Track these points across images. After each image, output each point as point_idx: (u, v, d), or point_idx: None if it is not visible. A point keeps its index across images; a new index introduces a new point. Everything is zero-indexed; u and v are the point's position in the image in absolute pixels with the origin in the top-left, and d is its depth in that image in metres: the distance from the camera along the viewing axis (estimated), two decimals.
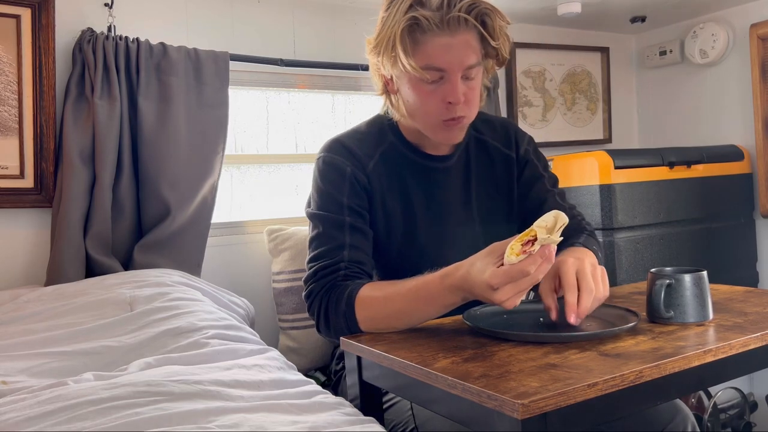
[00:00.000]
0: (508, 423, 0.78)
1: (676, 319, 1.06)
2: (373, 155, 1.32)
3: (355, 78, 2.28)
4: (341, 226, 1.25)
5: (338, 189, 1.28)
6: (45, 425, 0.89)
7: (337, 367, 1.54)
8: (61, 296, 1.48)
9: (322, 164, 1.31)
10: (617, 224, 2.11)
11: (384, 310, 1.13)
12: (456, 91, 1.19)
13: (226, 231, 2.06)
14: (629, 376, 0.85)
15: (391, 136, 1.36)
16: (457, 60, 1.17)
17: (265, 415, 0.95)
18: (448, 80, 1.19)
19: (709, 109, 2.73)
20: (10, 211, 1.75)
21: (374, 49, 1.24)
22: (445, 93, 1.19)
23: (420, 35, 1.16)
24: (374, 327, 1.15)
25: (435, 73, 1.18)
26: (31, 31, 1.73)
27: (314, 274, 1.22)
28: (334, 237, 1.24)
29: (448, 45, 1.16)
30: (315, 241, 1.26)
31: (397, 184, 1.33)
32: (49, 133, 1.75)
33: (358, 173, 1.29)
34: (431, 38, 1.16)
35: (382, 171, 1.32)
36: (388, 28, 1.18)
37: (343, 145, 1.32)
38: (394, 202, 1.32)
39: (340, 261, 1.21)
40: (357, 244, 1.24)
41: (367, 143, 1.33)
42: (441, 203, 1.35)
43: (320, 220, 1.27)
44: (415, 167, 1.35)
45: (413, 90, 1.22)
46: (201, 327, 1.32)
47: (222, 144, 1.93)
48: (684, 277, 1.06)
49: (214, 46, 1.95)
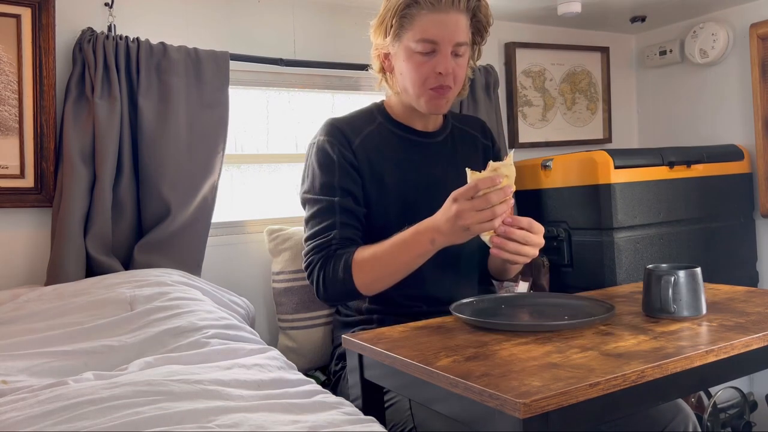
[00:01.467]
0: (509, 422, 0.78)
1: (677, 314, 1.11)
2: (361, 132, 1.48)
3: (355, 78, 2.28)
4: (332, 207, 1.41)
5: (330, 172, 1.43)
6: (45, 425, 0.89)
7: (336, 368, 1.54)
8: (61, 296, 1.47)
9: (316, 148, 1.47)
10: (617, 224, 2.11)
11: (373, 267, 1.32)
12: (446, 61, 1.36)
13: (227, 231, 2.06)
14: (631, 376, 0.84)
15: (379, 117, 1.53)
16: (448, 35, 1.35)
17: (266, 415, 0.95)
18: (440, 52, 1.36)
19: (709, 108, 2.73)
20: (10, 210, 1.75)
21: (376, 28, 1.44)
22: (436, 64, 1.36)
23: (416, 11, 1.35)
24: (370, 285, 1.34)
25: (428, 45, 1.35)
26: (32, 30, 1.73)
27: (311, 249, 1.41)
28: (327, 217, 1.40)
29: (441, 21, 1.34)
30: (310, 222, 1.44)
31: (387, 156, 1.47)
32: (49, 133, 1.74)
33: (345, 152, 1.44)
34: (426, 14, 1.34)
35: (369, 146, 1.46)
36: (389, 9, 1.38)
37: (333, 126, 1.48)
38: (386, 172, 1.46)
39: (332, 239, 1.38)
40: (346, 221, 1.40)
41: (356, 122, 1.50)
42: (431, 173, 1.50)
43: (315, 203, 1.44)
44: (403, 141, 1.51)
45: (407, 62, 1.39)
46: (201, 326, 1.32)
47: (222, 144, 1.92)
48: (683, 273, 1.11)
49: (214, 45, 1.94)
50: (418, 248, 1.28)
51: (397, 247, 1.31)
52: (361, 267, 1.33)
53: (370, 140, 1.48)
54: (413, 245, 1.28)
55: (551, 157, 2.31)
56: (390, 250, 1.31)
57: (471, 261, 1.54)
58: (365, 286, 1.34)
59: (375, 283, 1.35)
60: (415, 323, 1.20)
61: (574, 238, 2.22)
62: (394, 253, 1.31)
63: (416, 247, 1.28)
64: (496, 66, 2.52)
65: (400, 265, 1.32)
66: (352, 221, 1.41)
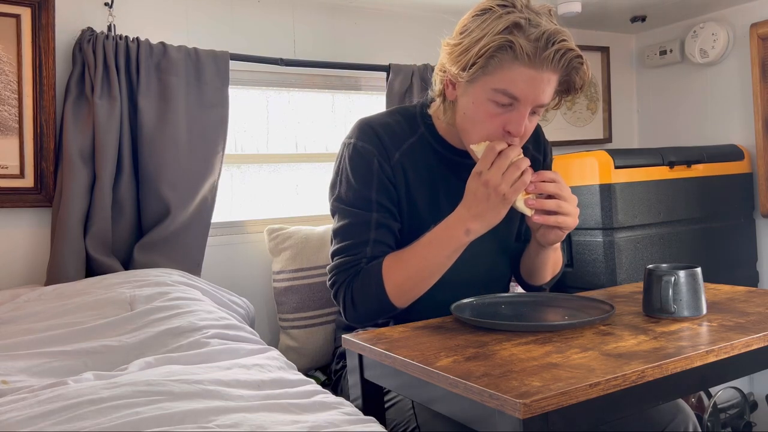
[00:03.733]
0: (509, 422, 0.78)
1: (677, 314, 1.10)
2: (401, 146, 1.32)
3: (355, 78, 2.28)
4: (368, 222, 1.28)
5: (367, 183, 1.29)
6: (45, 425, 0.89)
7: (337, 367, 1.54)
8: (61, 296, 1.47)
9: (353, 152, 1.31)
10: (617, 224, 2.11)
11: (406, 272, 1.22)
12: (521, 123, 1.18)
13: (227, 230, 2.06)
14: (631, 376, 0.84)
15: (423, 128, 1.35)
16: (534, 95, 1.16)
17: (266, 415, 0.95)
18: (517, 110, 1.18)
19: (709, 108, 2.73)
20: (10, 210, 1.75)
21: (453, 54, 1.20)
22: (508, 120, 1.19)
23: (508, 59, 1.14)
24: (404, 294, 1.24)
25: (507, 98, 1.17)
26: (31, 30, 1.73)
27: (338, 266, 1.28)
28: (359, 233, 1.28)
29: (532, 78, 1.14)
30: (340, 234, 1.30)
31: (424, 176, 1.33)
32: (49, 133, 1.74)
33: (384, 165, 1.29)
34: (518, 67, 1.14)
35: (407, 163, 1.31)
36: (477, 40, 1.15)
37: (373, 131, 1.31)
38: (420, 194, 1.32)
39: (362, 257, 1.27)
40: (381, 239, 1.28)
41: (397, 132, 1.33)
42: None
43: (348, 215, 1.29)
44: (444, 161, 1.35)
45: (476, 106, 1.20)
46: (201, 326, 1.32)
47: (222, 143, 1.92)
48: (683, 273, 1.11)
49: (214, 45, 1.95)
50: (452, 243, 1.20)
51: (427, 248, 1.22)
52: (391, 276, 1.23)
53: (410, 156, 1.32)
54: (447, 241, 1.20)
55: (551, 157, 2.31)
56: (421, 252, 1.23)
57: (491, 282, 1.44)
58: (398, 296, 1.24)
59: (409, 292, 1.24)
60: (415, 323, 1.20)
61: (574, 238, 2.22)
62: (425, 254, 1.22)
63: (450, 242, 1.20)
64: None
65: (434, 266, 1.22)
66: (387, 239, 1.29)
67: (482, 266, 1.40)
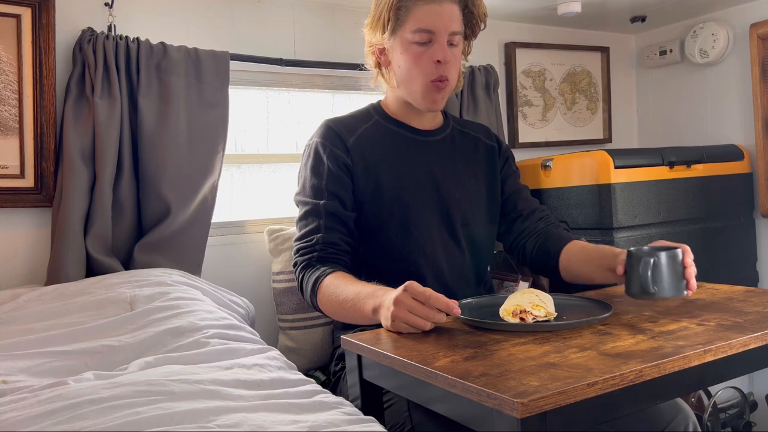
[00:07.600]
0: (507, 422, 0.79)
1: (658, 295, 1.12)
2: (356, 131, 1.49)
3: (355, 78, 2.28)
4: (318, 211, 1.42)
5: (318, 174, 1.44)
6: (45, 425, 0.89)
7: (336, 368, 1.54)
8: (61, 296, 1.48)
9: (311, 149, 1.49)
10: (617, 224, 2.11)
11: (330, 304, 1.32)
12: (443, 49, 1.39)
13: (227, 231, 2.07)
14: (629, 376, 0.85)
15: (376, 115, 1.54)
16: (443, 24, 1.38)
17: (266, 415, 0.95)
18: (436, 41, 1.39)
19: (709, 108, 2.73)
20: (10, 210, 1.75)
21: (371, 25, 1.46)
22: (433, 53, 1.39)
23: (411, 3, 1.38)
24: (332, 315, 1.36)
25: (425, 35, 1.38)
26: (32, 30, 1.73)
27: (297, 251, 1.44)
28: (312, 220, 1.43)
29: (435, 11, 1.38)
30: (298, 223, 1.47)
31: (382, 154, 1.48)
32: (49, 133, 1.75)
33: (338, 152, 1.44)
34: (421, 5, 1.38)
35: (365, 144, 1.47)
36: (383, 3, 1.41)
37: (329, 127, 1.49)
38: (382, 170, 1.46)
39: (315, 243, 1.40)
40: (331, 225, 1.41)
41: (352, 123, 1.51)
42: (427, 171, 1.49)
43: (303, 204, 1.46)
44: (400, 138, 1.51)
45: (405, 53, 1.41)
46: (201, 326, 1.32)
47: (222, 143, 1.93)
48: (664, 255, 1.12)
49: (214, 45, 1.95)
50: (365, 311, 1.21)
51: (351, 302, 1.25)
52: (323, 300, 1.34)
53: (366, 138, 1.48)
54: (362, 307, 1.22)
55: (551, 157, 2.31)
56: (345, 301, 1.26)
57: (474, 275, 1.55)
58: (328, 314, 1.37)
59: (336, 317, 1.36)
60: None
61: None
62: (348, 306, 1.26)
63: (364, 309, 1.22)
64: (496, 66, 2.52)
65: (351, 317, 1.29)
66: (337, 225, 1.42)
67: (466, 264, 1.53)
